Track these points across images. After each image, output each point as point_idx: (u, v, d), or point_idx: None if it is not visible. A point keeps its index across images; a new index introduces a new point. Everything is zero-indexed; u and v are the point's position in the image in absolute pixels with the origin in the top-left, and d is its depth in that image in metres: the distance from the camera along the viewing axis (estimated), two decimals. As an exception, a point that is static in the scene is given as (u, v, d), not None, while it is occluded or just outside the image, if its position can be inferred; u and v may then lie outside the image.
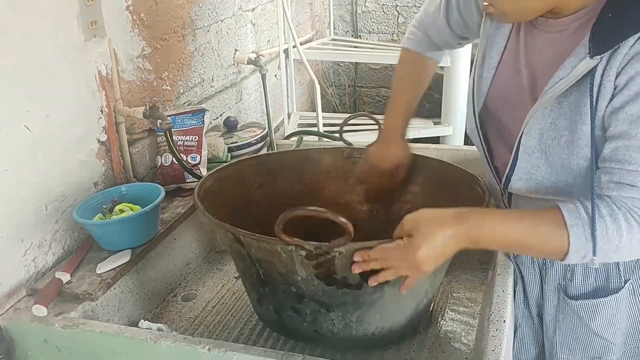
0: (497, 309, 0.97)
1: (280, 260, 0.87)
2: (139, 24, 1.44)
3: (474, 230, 0.82)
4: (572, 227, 0.81)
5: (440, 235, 0.81)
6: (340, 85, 3.52)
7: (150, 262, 1.23)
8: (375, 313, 0.95)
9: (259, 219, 1.17)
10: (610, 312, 1.02)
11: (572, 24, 0.88)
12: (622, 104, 0.80)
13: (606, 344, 1.05)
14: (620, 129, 0.81)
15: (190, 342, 0.90)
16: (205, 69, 1.83)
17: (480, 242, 0.83)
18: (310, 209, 0.78)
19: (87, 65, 1.26)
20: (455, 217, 0.83)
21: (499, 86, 1.01)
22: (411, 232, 0.82)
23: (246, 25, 2.15)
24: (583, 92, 0.84)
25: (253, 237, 0.88)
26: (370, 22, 3.36)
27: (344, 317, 0.93)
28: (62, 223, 1.20)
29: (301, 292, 0.90)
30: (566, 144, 0.87)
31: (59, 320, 1.00)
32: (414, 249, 0.80)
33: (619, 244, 0.81)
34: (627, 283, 1.00)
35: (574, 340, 1.06)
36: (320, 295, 0.90)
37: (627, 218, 0.80)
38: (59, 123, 1.18)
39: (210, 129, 1.80)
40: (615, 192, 0.82)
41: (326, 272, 0.86)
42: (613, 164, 0.82)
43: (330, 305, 0.91)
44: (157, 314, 1.21)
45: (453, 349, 1.05)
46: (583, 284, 1.03)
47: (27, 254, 1.12)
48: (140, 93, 1.47)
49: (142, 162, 1.50)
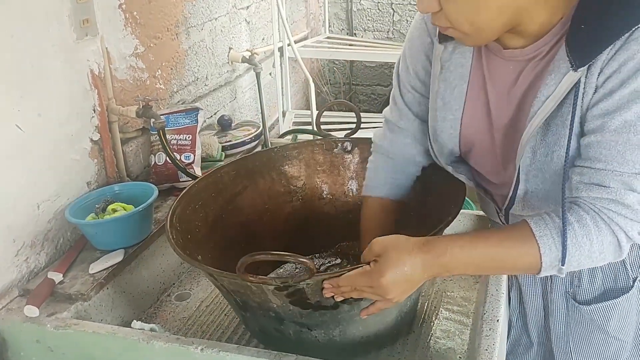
0: (490, 308, 0.97)
1: (252, 292, 0.87)
2: (131, 22, 1.43)
3: (442, 257, 0.79)
4: (541, 237, 0.78)
5: (407, 262, 0.78)
6: (335, 83, 3.52)
7: (143, 261, 1.22)
8: (357, 326, 0.94)
9: (244, 225, 1.17)
10: (624, 312, 1.01)
11: (544, 46, 0.84)
12: (596, 101, 0.78)
13: (621, 345, 1.04)
14: (594, 125, 0.79)
15: (183, 342, 0.90)
16: (199, 67, 1.83)
17: (451, 268, 0.80)
18: (271, 253, 0.78)
19: (79, 64, 1.25)
20: (424, 244, 0.80)
21: (469, 127, 0.96)
22: (378, 255, 0.80)
23: (240, 23, 2.14)
24: (568, 105, 0.81)
25: (222, 274, 0.87)
26: (365, 20, 3.36)
27: (326, 333, 0.93)
28: (54, 223, 1.20)
29: (280, 316, 0.90)
30: (559, 158, 0.84)
31: (51, 321, 1.00)
32: (379, 274, 0.78)
33: (591, 249, 0.78)
34: (636, 281, 1.00)
35: (588, 346, 1.05)
36: (299, 317, 0.90)
37: (596, 221, 0.77)
38: (51, 122, 1.17)
39: (204, 127, 1.80)
40: (584, 192, 0.79)
41: (299, 299, 0.86)
42: (583, 163, 0.80)
43: (310, 325, 0.91)
44: (150, 313, 1.21)
45: (447, 348, 1.04)
46: (590, 288, 1.01)
47: (19, 254, 1.11)
48: (133, 92, 1.46)
49: (136, 161, 1.50)
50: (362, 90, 3.53)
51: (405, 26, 3.28)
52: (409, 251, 0.79)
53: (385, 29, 3.34)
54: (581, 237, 0.77)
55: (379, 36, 3.36)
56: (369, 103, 3.54)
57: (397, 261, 0.78)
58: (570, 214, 0.78)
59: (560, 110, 0.82)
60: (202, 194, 1.11)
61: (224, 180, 1.16)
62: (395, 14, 3.29)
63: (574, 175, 0.81)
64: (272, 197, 1.24)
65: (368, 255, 0.82)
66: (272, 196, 1.24)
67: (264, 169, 1.24)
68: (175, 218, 1.01)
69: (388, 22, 3.32)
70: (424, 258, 0.79)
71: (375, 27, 3.35)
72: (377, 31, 3.36)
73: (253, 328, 1.02)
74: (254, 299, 0.88)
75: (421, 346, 1.05)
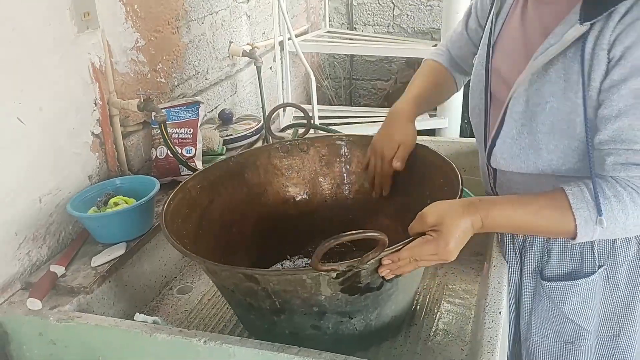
0: (492, 300, 0.97)
1: (303, 287, 0.85)
2: (132, 16, 1.43)
3: (485, 217, 0.85)
4: (578, 210, 0.83)
5: (461, 226, 0.84)
6: (335, 77, 3.51)
7: (145, 255, 1.23)
8: (391, 305, 0.95)
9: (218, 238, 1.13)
10: (582, 297, 1.03)
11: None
12: (621, 77, 0.80)
13: (579, 330, 1.05)
14: (623, 104, 0.81)
15: (186, 334, 0.90)
16: (200, 61, 1.82)
17: (491, 226, 0.86)
18: (344, 235, 0.76)
19: (80, 57, 1.25)
20: (469, 206, 0.86)
21: (501, 47, 1.03)
22: (436, 225, 0.84)
23: (241, 17, 2.14)
24: (572, 59, 0.85)
25: (272, 273, 0.89)
26: (365, 14, 3.35)
27: (365, 318, 0.93)
28: (56, 216, 1.20)
29: (323, 309, 0.89)
30: (551, 110, 0.88)
31: (53, 314, 1.00)
32: (446, 242, 0.83)
33: (626, 222, 0.83)
34: (601, 269, 1.01)
35: (547, 324, 1.07)
36: (344, 306, 0.89)
37: (633, 197, 0.82)
38: (52, 115, 1.17)
39: (205, 121, 1.79)
40: (622, 172, 0.83)
41: (351, 285, 0.86)
42: (618, 145, 0.82)
43: (352, 312, 0.91)
44: (152, 307, 1.21)
45: (449, 340, 1.05)
46: (558, 266, 1.04)
47: (21, 247, 1.11)
48: (134, 85, 1.46)
49: (137, 154, 1.50)
50: (363, 84, 3.52)
51: (405, 20, 3.27)
52: (460, 215, 0.84)
53: (385, 23, 3.33)
54: (617, 211, 0.82)
55: (380, 30, 3.35)
56: (369, 98, 3.53)
57: (456, 227, 0.84)
58: (608, 189, 0.83)
59: (558, 62, 0.87)
60: (180, 211, 1.06)
61: (192, 195, 1.11)
62: (395, 8, 3.28)
63: (607, 157, 0.84)
64: (237, 207, 1.21)
65: (422, 226, 0.85)
66: (237, 206, 1.21)
67: (226, 179, 1.20)
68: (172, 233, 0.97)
69: (388, 16, 3.31)
70: (472, 219, 0.85)
71: (376, 21, 3.34)
72: (378, 25, 3.35)
73: (279, 334, 0.96)
74: (302, 294, 0.86)
75: (423, 338, 1.05)
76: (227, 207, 1.18)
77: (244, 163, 1.24)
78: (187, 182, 1.11)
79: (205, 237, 1.09)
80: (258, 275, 0.86)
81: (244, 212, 1.21)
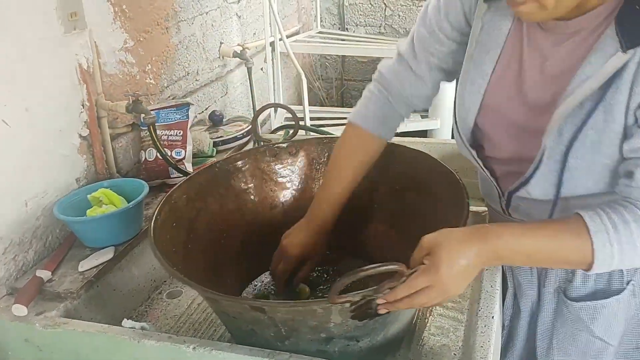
0: (485, 304, 0.97)
1: (314, 316, 0.82)
2: (120, 16, 1.41)
3: (495, 244, 0.77)
4: (596, 234, 0.76)
5: (461, 252, 0.75)
6: (327, 78, 3.50)
7: (134, 259, 1.21)
8: (396, 324, 0.93)
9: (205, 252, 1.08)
10: (611, 314, 1.00)
11: (592, 21, 0.80)
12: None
13: (604, 346, 1.03)
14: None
15: (175, 341, 0.88)
16: (190, 62, 1.81)
17: (502, 256, 0.78)
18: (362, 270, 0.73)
19: (67, 58, 1.23)
20: (475, 232, 0.78)
21: (496, 93, 0.93)
22: (429, 251, 0.77)
23: (231, 17, 2.12)
24: (611, 88, 0.78)
25: (281, 305, 0.86)
26: (357, 15, 3.34)
27: (371, 340, 0.90)
28: (43, 220, 1.18)
29: (331, 335, 0.85)
30: (592, 144, 0.81)
31: (39, 320, 0.98)
32: (435, 269, 0.75)
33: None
34: (629, 284, 0.98)
35: (571, 343, 1.04)
36: (353, 331, 0.86)
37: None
38: (38, 117, 1.15)
39: (195, 123, 1.78)
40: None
41: (363, 311, 0.82)
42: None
43: (359, 336, 0.88)
44: (141, 312, 1.19)
45: (441, 344, 1.04)
46: (583, 285, 1.00)
47: (6, 252, 1.09)
48: (122, 86, 1.44)
49: (126, 157, 1.48)
50: (354, 85, 3.51)
51: (397, 21, 3.27)
52: (460, 240, 0.76)
53: (377, 24, 3.33)
54: (637, 237, 0.76)
55: (371, 31, 3.35)
56: (361, 98, 3.52)
57: (452, 251, 0.75)
58: (627, 213, 0.77)
59: (602, 94, 0.79)
60: (167, 225, 1.01)
61: (179, 206, 1.06)
62: (387, 8, 3.28)
63: (632, 181, 0.78)
64: (224, 217, 1.16)
65: (419, 254, 0.79)
66: (224, 216, 1.16)
67: (211, 187, 1.15)
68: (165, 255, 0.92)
69: (380, 17, 3.31)
70: (477, 245, 0.76)
71: (367, 22, 3.34)
72: (369, 26, 3.35)
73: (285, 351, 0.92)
74: (311, 323, 0.83)
75: (415, 343, 1.04)
76: (214, 218, 1.14)
77: (230, 169, 1.20)
78: (172, 194, 1.05)
79: (194, 252, 1.05)
80: (267, 307, 0.83)
81: (231, 221, 1.17)
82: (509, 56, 0.91)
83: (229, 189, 1.19)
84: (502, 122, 0.94)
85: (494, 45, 0.91)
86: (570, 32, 0.83)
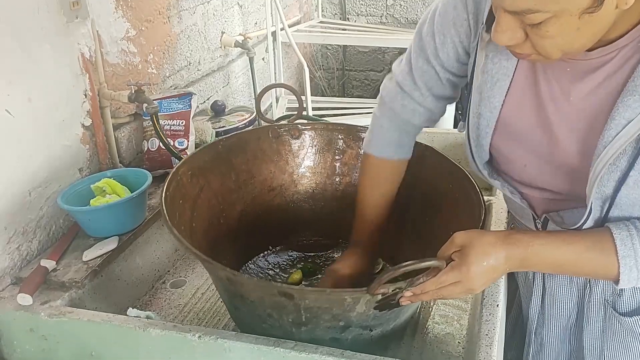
0: (490, 293, 0.97)
1: (341, 305, 0.82)
2: (122, 5, 1.40)
3: (524, 251, 0.78)
4: (624, 258, 0.76)
5: (491, 254, 0.77)
6: (328, 68, 3.49)
7: (138, 248, 1.21)
8: (407, 312, 0.94)
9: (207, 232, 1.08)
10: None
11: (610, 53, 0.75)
12: None
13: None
14: None
15: (180, 329, 0.89)
16: (192, 51, 1.80)
17: (530, 263, 0.80)
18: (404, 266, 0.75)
19: (69, 48, 1.22)
20: (507, 237, 0.79)
21: (508, 124, 0.89)
22: (462, 248, 0.79)
23: (233, 7, 2.11)
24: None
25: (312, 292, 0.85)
26: (358, 5, 3.32)
27: (383, 330, 0.90)
28: (46, 210, 1.18)
29: (349, 323, 0.86)
30: (635, 183, 0.76)
31: (44, 309, 0.98)
32: (467, 266, 0.77)
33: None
34: None
35: (626, 352, 1.00)
36: (370, 320, 0.86)
37: None
38: (41, 107, 1.15)
39: (197, 113, 1.77)
40: None
41: (386, 302, 0.83)
42: None
43: (373, 326, 0.88)
44: (145, 301, 1.19)
45: (446, 333, 1.04)
46: (632, 299, 0.96)
47: (11, 242, 1.09)
48: (125, 76, 1.43)
49: (128, 147, 1.47)
50: (355, 75, 3.50)
51: (398, 10, 3.25)
52: (492, 243, 0.78)
53: (378, 13, 3.31)
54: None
55: (372, 21, 3.33)
56: (362, 89, 3.51)
57: (483, 252, 0.77)
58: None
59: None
60: (176, 202, 1.01)
61: (184, 182, 1.06)
62: (388, -2, 3.26)
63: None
64: (224, 196, 1.16)
65: (449, 249, 0.80)
66: (224, 194, 1.16)
67: (214, 165, 1.15)
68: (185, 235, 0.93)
69: (381, 6, 3.29)
70: (507, 250, 0.78)
71: (369, 11, 3.32)
72: (371, 16, 3.33)
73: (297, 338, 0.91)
74: (335, 311, 0.83)
75: (420, 331, 1.04)
76: (215, 196, 1.14)
77: (233, 147, 1.19)
78: (178, 169, 1.05)
79: (198, 230, 1.06)
80: (296, 293, 0.83)
81: (230, 200, 1.17)
82: (522, 87, 0.86)
83: (230, 168, 1.19)
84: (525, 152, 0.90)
85: (502, 76, 0.86)
86: (593, 66, 0.77)
